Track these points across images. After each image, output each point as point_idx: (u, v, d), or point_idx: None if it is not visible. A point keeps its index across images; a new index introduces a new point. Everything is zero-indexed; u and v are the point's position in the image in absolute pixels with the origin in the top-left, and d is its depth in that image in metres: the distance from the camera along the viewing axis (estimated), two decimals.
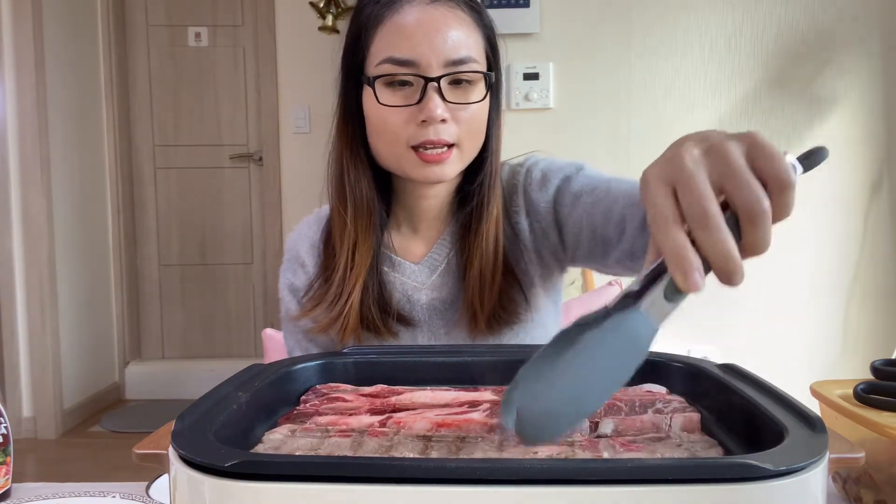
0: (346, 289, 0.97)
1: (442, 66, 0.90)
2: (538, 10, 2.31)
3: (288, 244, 1.09)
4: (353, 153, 0.98)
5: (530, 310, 1.01)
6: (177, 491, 0.50)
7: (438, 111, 0.89)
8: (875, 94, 2.32)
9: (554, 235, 1.00)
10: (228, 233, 4.21)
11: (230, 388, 0.64)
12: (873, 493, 0.80)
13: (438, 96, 0.90)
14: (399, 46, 0.90)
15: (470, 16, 0.94)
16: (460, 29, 0.92)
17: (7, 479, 0.96)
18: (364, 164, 0.98)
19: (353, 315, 0.97)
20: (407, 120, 0.91)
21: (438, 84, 0.90)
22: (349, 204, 0.98)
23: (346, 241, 0.98)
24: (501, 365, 0.77)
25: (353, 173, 0.98)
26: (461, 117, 0.92)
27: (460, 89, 0.92)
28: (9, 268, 3.39)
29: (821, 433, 0.50)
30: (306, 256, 1.05)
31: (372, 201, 0.99)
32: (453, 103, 0.91)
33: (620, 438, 0.57)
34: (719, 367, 0.69)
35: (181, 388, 3.99)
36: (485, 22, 0.97)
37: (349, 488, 0.45)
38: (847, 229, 2.35)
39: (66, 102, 3.60)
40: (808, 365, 2.35)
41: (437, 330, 1.01)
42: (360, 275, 0.97)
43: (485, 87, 0.94)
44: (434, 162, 0.91)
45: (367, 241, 0.98)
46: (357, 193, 0.98)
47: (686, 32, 2.33)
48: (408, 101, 0.91)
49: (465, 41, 0.91)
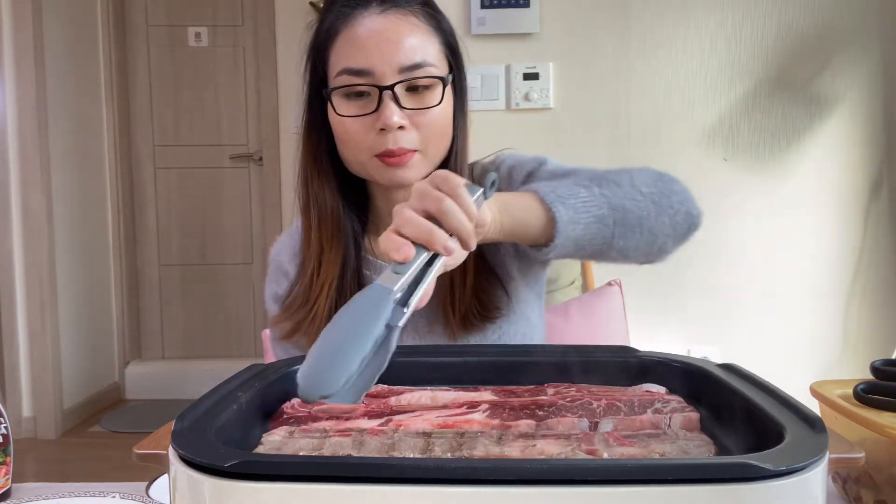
0: (312, 294, 1.00)
1: (396, 74, 0.93)
2: (538, 10, 2.31)
3: (271, 255, 1.12)
4: (316, 163, 1.02)
5: (511, 303, 1.02)
6: (177, 491, 0.50)
7: (395, 118, 0.92)
8: (875, 94, 2.32)
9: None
10: (228, 233, 4.21)
11: (230, 388, 0.64)
12: (873, 493, 0.80)
13: (394, 103, 0.92)
14: (354, 57, 0.93)
15: (425, 22, 0.97)
16: (414, 35, 0.94)
17: (7, 479, 0.96)
18: (328, 174, 1.02)
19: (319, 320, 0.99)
20: (366, 129, 0.94)
21: (393, 91, 0.92)
22: (313, 212, 1.02)
23: (313, 248, 1.02)
24: (501, 365, 0.77)
25: (316, 183, 1.02)
26: (421, 122, 0.94)
27: (417, 95, 0.94)
28: (9, 268, 3.39)
29: (821, 433, 0.50)
30: (289, 265, 1.08)
31: (336, 209, 1.02)
32: (410, 109, 0.93)
33: (615, 433, 0.57)
34: (719, 367, 0.69)
35: (181, 388, 3.98)
36: (443, 27, 0.99)
37: (349, 488, 0.45)
38: (847, 229, 2.35)
39: (66, 102, 3.60)
40: (808, 365, 2.35)
41: (421, 328, 1.03)
42: (328, 280, 1.00)
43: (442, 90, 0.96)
44: (397, 165, 0.94)
45: (335, 247, 1.01)
46: (321, 202, 1.01)
47: (686, 32, 2.33)
48: (365, 111, 0.94)
49: (419, 47, 0.94)
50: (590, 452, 0.53)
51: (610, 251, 0.83)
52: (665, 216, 0.85)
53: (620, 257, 0.85)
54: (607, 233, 0.81)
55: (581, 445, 0.54)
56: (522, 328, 1.04)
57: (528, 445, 0.54)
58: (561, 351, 0.82)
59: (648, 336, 2.28)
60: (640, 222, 0.83)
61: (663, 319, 2.36)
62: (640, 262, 0.89)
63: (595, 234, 0.81)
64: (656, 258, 0.89)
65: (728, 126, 2.34)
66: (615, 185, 0.84)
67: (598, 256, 0.84)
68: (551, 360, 0.77)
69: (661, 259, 0.90)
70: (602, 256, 0.84)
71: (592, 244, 0.81)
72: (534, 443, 0.55)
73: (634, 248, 0.84)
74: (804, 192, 2.35)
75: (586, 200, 0.80)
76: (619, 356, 0.77)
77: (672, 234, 0.87)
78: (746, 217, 2.35)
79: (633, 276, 2.31)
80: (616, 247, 0.82)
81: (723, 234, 2.36)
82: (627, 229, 0.82)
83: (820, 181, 2.34)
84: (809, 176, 2.34)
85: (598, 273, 1.78)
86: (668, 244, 0.87)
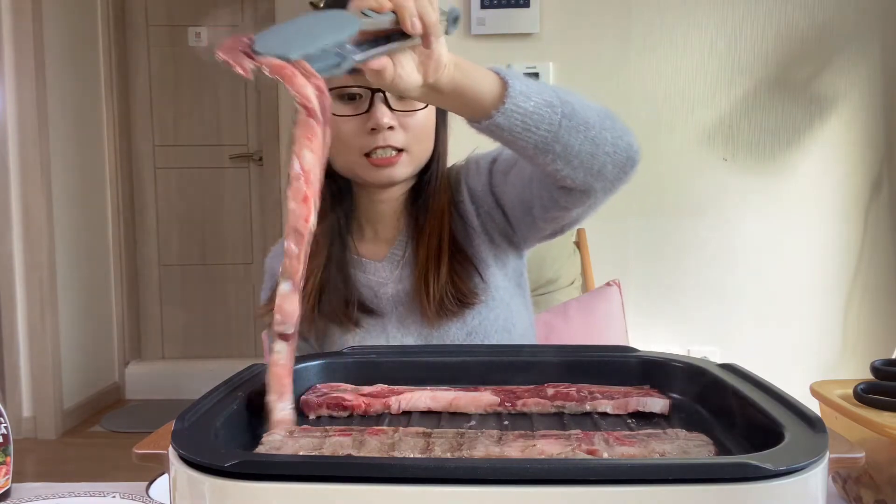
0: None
1: None
2: (538, 10, 2.31)
3: (266, 265, 1.19)
4: None
5: (488, 289, 1.07)
6: (177, 491, 0.50)
7: (385, 119, 0.99)
8: (875, 93, 2.32)
9: (498, 215, 1.08)
10: (228, 233, 4.21)
11: (230, 388, 0.64)
12: (873, 493, 0.80)
13: (384, 105, 0.99)
14: None
15: None
16: None
17: (7, 479, 0.96)
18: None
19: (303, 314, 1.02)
20: (358, 129, 1.00)
21: (384, 94, 0.99)
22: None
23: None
24: (501, 365, 0.77)
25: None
26: (408, 124, 1.01)
27: (405, 99, 0.99)
28: (9, 268, 3.39)
29: (821, 433, 0.50)
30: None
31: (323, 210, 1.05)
32: (399, 111, 1.00)
33: (616, 433, 0.57)
34: (719, 367, 0.69)
35: (181, 388, 3.98)
36: None
37: (349, 488, 0.45)
38: (847, 229, 2.35)
39: (66, 102, 3.60)
40: (808, 365, 2.35)
41: (404, 318, 1.07)
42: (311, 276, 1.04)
43: None
44: (384, 165, 1.01)
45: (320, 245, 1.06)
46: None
47: (686, 33, 2.33)
48: (358, 111, 1.00)
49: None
50: (590, 452, 0.53)
51: (555, 144, 0.82)
52: (608, 133, 0.86)
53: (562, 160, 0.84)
54: (555, 120, 0.81)
55: (581, 445, 0.54)
56: (504, 314, 1.07)
57: (528, 445, 0.54)
58: (561, 351, 0.82)
59: (648, 336, 2.28)
60: (586, 126, 0.84)
61: (663, 319, 2.36)
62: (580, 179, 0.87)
63: (543, 118, 0.81)
64: (594, 180, 0.88)
65: (728, 126, 2.34)
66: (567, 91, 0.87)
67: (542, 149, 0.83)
68: (551, 360, 0.77)
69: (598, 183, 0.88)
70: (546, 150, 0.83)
71: (539, 128, 0.81)
72: (534, 443, 0.55)
73: (577, 151, 0.83)
74: (804, 191, 2.35)
75: (539, 87, 0.82)
76: (618, 356, 0.77)
77: (612, 154, 0.86)
78: (746, 217, 2.35)
79: (632, 277, 2.31)
80: (561, 140, 0.82)
81: (723, 233, 2.36)
82: (573, 126, 0.82)
83: (820, 181, 2.34)
84: (809, 176, 2.34)
85: (597, 273, 1.78)
86: (607, 166, 0.87)
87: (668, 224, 2.37)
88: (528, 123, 0.81)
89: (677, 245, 2.39)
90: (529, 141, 0.82)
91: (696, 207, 2.37)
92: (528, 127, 0.81)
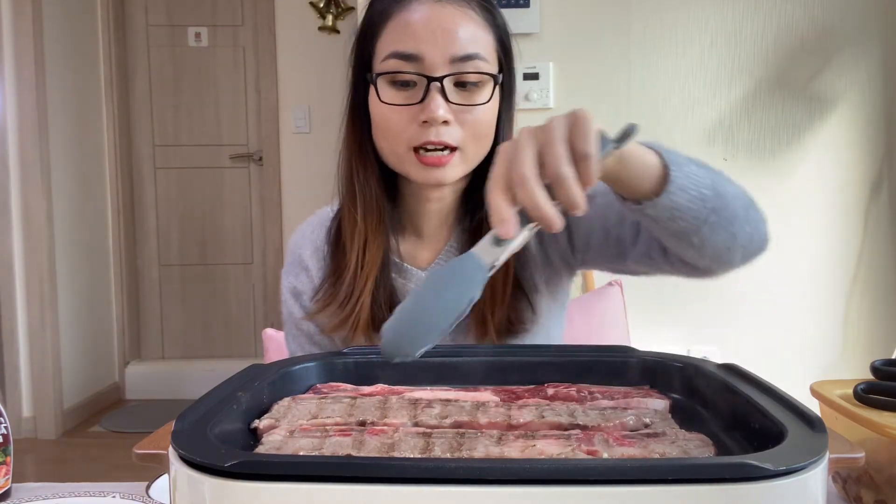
0: (356, 287, 0.96)
1: (447, 65, 0.88)
2: (538, 10, 2.31)
3: (290, 246, 1.08)
4: (362, 152, 0.97)
5: (537, 321, 0.99)
6: (177, 491, 0.50)
7: (440, 112, 0.87)
8: (875, 93, 2.32)
9: (563, 238, 0.99)
10: (228, 233, 4.21)
11: (230, 388, 0.64)
12: (873, 493, 0.80)
13: (441, 96, 0.88)
14: (404, 42, 0.89)
15: (481, 15, 0.92)
16: (469, 27, 0.90)
17: (7, 479, 0.96)
18: (373, 164, 0.97)
19: (365, 314, 0.95)
20: (409, 120, 0.89)
21: (441, 84, 0.88)
22: (359, 203, 0.97)
23: (357, 240, 0.97)
24: (501, 365, 0.77)
25: (362, 173, 0.97)
26: (465, 120, 0.90)
27: (466, 91, 0.90)
28: (9, 268, 3.39)
29: (821, 433, 0.50)
30: (309, 260, 1.04)
31: (381, 200, 0.97)
32: (457, 104, 0.89)
33: (615, 433, 0.57)
34: (719, 367, 0.69)
35: (181, 388, 3.99)
36: (497, 22, 0.95)
37: (349, 488, 0.45)
38: (847, 229, 2.35)
39: (66, 102, 3.60)
40: (808, 365, 2.35)
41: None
42: (371, 273, 0.96)
43: (492, 89, 0.92)
44: (433, 165, 0.89)
45: (377, 239, 0.97)
46: (367, 192, 0.97)
47: (686, 32, 2.33)
48: (410, 101, 0.89)
49: (472, 39, 0.90)
50: (590, 452, 0.53)
51: (692, 237, 0.78)
52: (748, 226, 0.81)
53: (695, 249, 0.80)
54: (702, 215, 0.76)
55: (581, 445, 0.54)
56: (541, 338, 1.01)
57: (528, 445, 0.54)
58: (561, 351, 0.82)
59: (648, 336, 2.28)
60: (732, 220, 0.79)
61: (663, 319, 2.36)
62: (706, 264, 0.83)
63: (693, 211, 0.76)
64: (720, 267, 0.84)
65: (728, 126, 2.34)
66: (722, 177, 0.81)
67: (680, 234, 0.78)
68: (551, 360, 0.77)
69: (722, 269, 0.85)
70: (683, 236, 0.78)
71: (685, 219, 0.76)
72: (534, 443, 0.55)
73: (714, 242, 0.79)
74: (804, 191, 2.34)
75: (699, 177, 0.76)
76: (619, 356, 0.77)
77: (746, 247, 0.82)
78: None
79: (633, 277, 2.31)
80: (702, 233, 0.77)
81: None
82: (719, 220, 0.78)
83: (820, 181, 2.34)
84: (809, 176, 2.34)
85: (598, 273, 1.78)
86: (736, 256, 0.83)
87: None
88: (676, 214, 0.75)
89: None
90: (669, 229, 0.77)
91: None
92: (673, 217, 0.75)
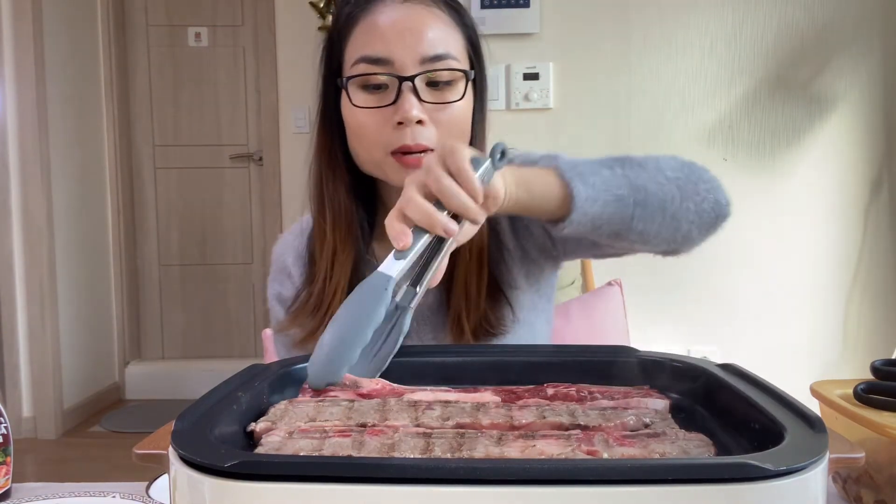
0: (325, 299, 0.96)
1: (417, 65, 0.88)
2: (538, 10, 2.31)
3: (274, 254, 1.08)
4: (331, 160, 0.98)
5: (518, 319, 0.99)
6: (177, 491, 0.50)
7: (414, 111, 0.87)
8: (875, 93, 2.32)
9: (538, 230, 0.99)
10: (228, 233, 4.21)
11: (230, 388, 0.64)
12: (873, 493, 0.80)
13: (414, 96, 0.88)
14: (373, 45, 0.89)
15: (448, 15, 0.93)
16: (436, 27, 0.90)
17: (7, 479, 0.96)
18: (343, 172, 0.97)
19: None
20: (383, 122, 0.89)
21: (413, 83, 0.88)
22: (328, 213, 0.97)
23: (326, 251, 0.97)
24: (501, 365, 0.77)
25: (331, 182, 0.97)
26: (440, 119, 0.90)
27: (438, 91, 0.90)
28: (9, 268, 3.39)
29: (821, 433, 0.50)
30: (293, 267, 1.04)
31: (350, 210, 0.97)
32: (430, 103, 0.89)
33: (616, 433, 0.57)
34: (719, 367, 0.69)
35: (181, 388, 3.98)
36: (465, 21, 0.95)
37: (349, 488, 0.45)
38: (847, 229, 2.35)
39: (66, 102, 3.60)
40: (808, 365, 2.35)
41: (425, 336, 0.99)
42: (340, 284, 0.95)
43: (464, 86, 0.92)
44: (414, 166, 0.88)
45: (347, 249, 0.96)
46: (335, 202, 0.97)
47: (686, 32, 2.33)
48: (383, 103, 0.89)
49: (441, 39, 0.90)
50: (590, 453, 0.53)
51: (629, 233, 0.80)
52: (690, 202, 0.82)
53: (640, 241, 0.82)
54: (626, 213, 0.78)
55: (581, 445, 0.54)
56: (526, 335, 1.01)
57: (528, 445, 0.54)
58: (561, 351, 0.82)
59: (648, 336, 2.28)
60: (663, 206, 0.80)
61: (663, 319, 2.36)
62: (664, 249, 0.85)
63: (613, 214, 0.78)
64: (681, 247, 0.86)
65: (728, 126, 2.34)
66: (640, 167, 0.82)
67: (616, 238, 0.80)
68: (551, 360, 0.77)
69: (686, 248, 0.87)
70: (620, 238, 0.80)
71: (610, 224, 0.78)
72: (534, 443, 0.55)
73: (655, 232, 0.81)
74: (804, 191, 2.35)
75: (607, 179, 0.78)
76: (619, 356, 0.77)
77: (697, 221, 0.84)
78: (746, 217, 2.35)
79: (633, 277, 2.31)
80: (635, 229, 0.79)
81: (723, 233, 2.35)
82: (648, 212, 0.79)
83: (820, 181, 2.34)
84: (809, 176, 2.34)
85: (598, 273, 1.78)
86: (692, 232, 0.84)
87: None
88: (599, 223, 0.77)
89: None
90: (603, 234, 0.79)
91: None
92: (598, 227, 0.78)
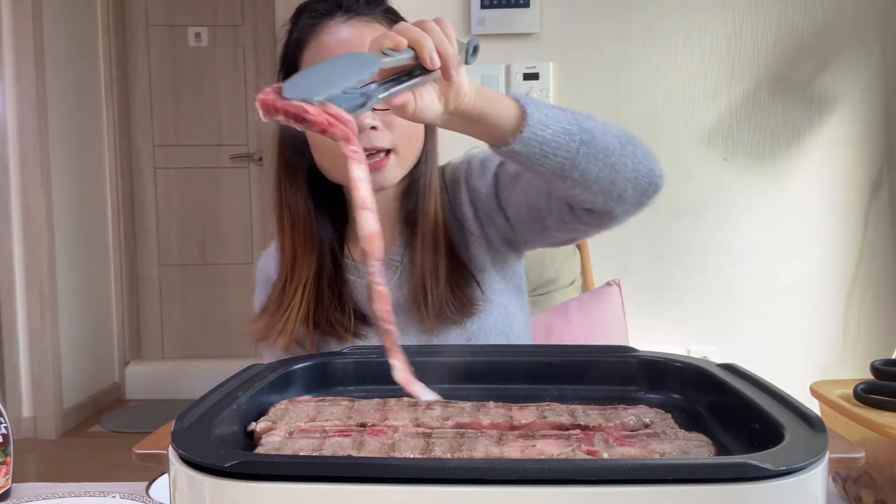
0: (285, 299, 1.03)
1: None
2: (538, 10, 2.31)
3: (258, 268, 1.16)
4: (289, 171, 1.05)
5: (486, 297, 1.05)
6: (177, 491, 0.50)
7: (367, 120, 0.95)
8: (875, 93, 2.32)
9: (500, 219, 1.05)
10: (228, 233, 4.21)
11: (230, 388, 0.64)
12: (873, 493, 0.80)
13: None
14: None
15: (388, 26, 1.00)
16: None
17: (7, 479, 0.96)
18: (301, 182, 1.05)
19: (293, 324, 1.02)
20: None
21: None
22: (286, 221, 1.05)
23: (286, 255, 1.05)
24: (501, 365, 0.77)
25: (289, 191, 1.05)
26: (393, 123, 0.97)
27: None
28: (9, 268, 3.39)
29: (821, 433, 0.50)
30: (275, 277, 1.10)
31: (308, 216, 1.05)
32: (382, 110, 0.95)
33: (616, 433, 0.57)
34: (719, 367, 0.69)
35: (181, 388, 3.98)
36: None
37: (349, 488, 0.45)
38: (847, 229, 2.35)
39: (66, 102, 3.60)
40: (808, 365, 2.35)
41: (404, 325, 1.04)
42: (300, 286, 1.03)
43: None
44: (373, 170, 0.96)
45: (307, 252, 1.04)
46: (293, 210, 1.05)
47: (686, 32, 2.33)
48: None
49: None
50: (590, 453, 0.53)
51: (572, 171, 0.83)
52: (628, 159, 0.86)
53: (581, 185, 0.85)
54: (573, 148, 0.82)
55: (581, 445, 0.54)
56: (502, 318, 1.06)
57: (528, 445, 0.54)
58: (561, 351, 0.82)
59: (648, 336, 2.28)
60: (606, 153, 0.84)
61: (663, 319, 2.36)
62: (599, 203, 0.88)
63: (560, 146, 0.82)
64: (615, 206, 0.88)
65: (728, 126, 2.34)
66: (588, 118, 0.87)
67: (559, 174, 0.84)
68: (551, 360, 0.77)
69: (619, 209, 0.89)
70: (563, 176, 0.84)
71: (557, 154, 0.82)
72: (534, 443, 0.55)
73: (595, 177, 0.84)
74: (804, 191, 2.34)
75: (558, 115, 0.83)
76: (618, 356, 0.77)
77: (633, 180, 0.87)
78: (746, 217, 2.35)
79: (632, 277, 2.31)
80: (579, 167, 0.83)
81: (723, 233, 2.36)
82: (592, 152, 0.83)
83: (820, 181, 2.34)
84: (809, 176, 2.34)
85: (597, 273, 1.78)
86: (627, 191, 0.87)
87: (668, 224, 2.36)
88: (546, 150, 0.81)
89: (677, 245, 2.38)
90: (547, 166, 0.83)
91: (696, 207, 2.37)
92: (545, 154, 0.82)
